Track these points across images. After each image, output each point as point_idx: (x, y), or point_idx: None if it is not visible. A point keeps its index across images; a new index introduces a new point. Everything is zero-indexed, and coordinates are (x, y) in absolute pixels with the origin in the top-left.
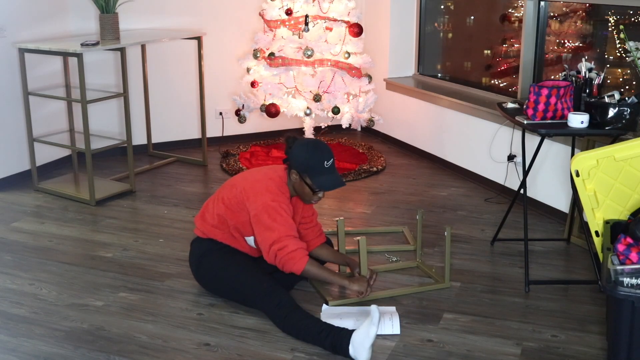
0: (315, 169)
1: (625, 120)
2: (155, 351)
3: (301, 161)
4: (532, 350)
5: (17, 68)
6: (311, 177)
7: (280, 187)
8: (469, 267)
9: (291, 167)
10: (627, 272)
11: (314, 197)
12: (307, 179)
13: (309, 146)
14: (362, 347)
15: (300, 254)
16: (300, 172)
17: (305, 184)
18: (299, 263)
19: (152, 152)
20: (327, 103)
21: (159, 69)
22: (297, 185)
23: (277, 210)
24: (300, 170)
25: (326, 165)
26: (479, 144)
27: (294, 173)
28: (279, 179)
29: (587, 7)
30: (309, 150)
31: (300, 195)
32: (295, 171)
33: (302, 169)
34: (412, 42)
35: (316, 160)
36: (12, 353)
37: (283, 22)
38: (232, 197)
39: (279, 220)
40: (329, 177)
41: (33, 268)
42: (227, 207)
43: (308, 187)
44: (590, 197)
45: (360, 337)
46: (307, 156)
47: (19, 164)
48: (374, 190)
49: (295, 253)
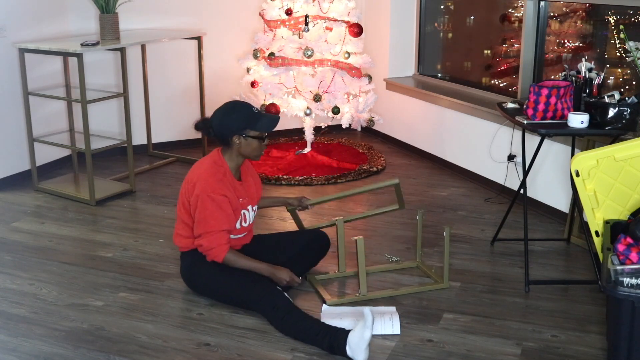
0: (251, 119)
1: (625, 120)
2: (155, 351)
3: (235, 123)
4: (532, 350)
5: (17, 68)
6: (253, 127)
7: (212, 168)
8: (469, 267)
9: (227, 136)
10: (627, 272)
11: (263, 146)
12: (250, 132)
13: (228, 108)
14: (358, 348)
15: (217, 250)
16: (240, 132)
17: (250, 138)
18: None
19: (152, 152)
20: (327, 103)
21: (159, 69)
22: (244, 148)
23: (204, 201)
24: (238, 131)
25: (255, 111)
26: (479, 144)
27: (235, 139)
28: (212, 163)
29: (587, 7)
30: (233, 111)
31: (249, 155)
32: (236, 135)
33: (240, 129)
34: (412, 42)
35: (245, 113)
36: (12, 353)
37: (283, 22)
38: (184, 200)
39: (209, 211)
40: (265, 118)
41: (33, 268)
42: (187, 211)
43: (254, 139)
44: (590, 197)
45: (355, 339)
46: (235, 116)
47: (19, 164)
48: (374, 190)
49: (213, 251)
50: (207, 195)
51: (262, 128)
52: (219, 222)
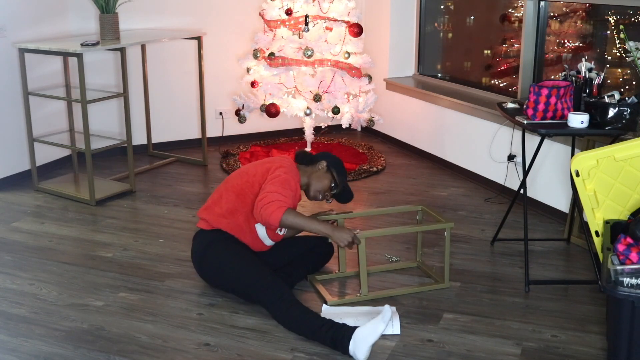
0: (344, 172)
1: (625, 120)
2: (155, 351)
3: (335, 161)
4: (532, 350)
5: (17, 68)
6: (337, 175)
7: (292, 166)
8: (469, 267)
9: (317, 161)
10: (627, 272)
11: (326, 194)
12: (335, 174)
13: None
14: (364, 342)
15: (277, 204)
16: (329, 166)
17: (331, 176)
18: (276, 212)
19: (152, 152)
20: (327, 103)
21: (159, 69)
22: (318, 176)
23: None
24: (331, 165)
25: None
26: (479, 144)
27: (321, 164)
28: (291, 164)
29: (587, 7)
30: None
31: (314, 186)
32: (325, 162)
33: (331, 165)
34: (412, 42)
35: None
36: (12, 353)
37: (283, 22)
38: (244, 183)
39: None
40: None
41: (33, 268)
42: (237, 195)
43: (333, 180)
44: (590, 197)
45: (365, 332)
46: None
47: (19, 164)
48: (374, 190)
49: (273, 204)
50: (290, 177)
51: (342, 181)
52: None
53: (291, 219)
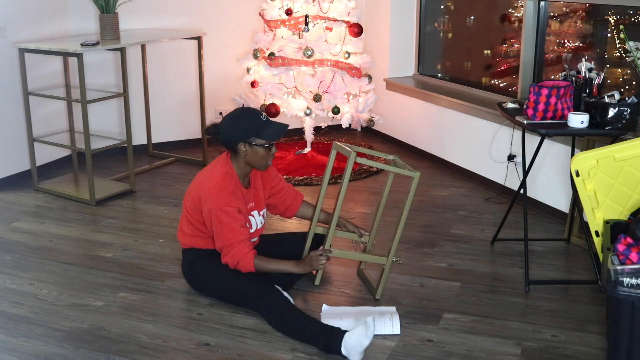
0: (258, 126)
1: (625, 120)
2: (155, 351)
3: (241, 130)
4: (532, 350)
5: (17, 68)
6: (259, 136)
7: (219, 183)
8: (469, 267)
9: (234, 144)
10: (627, 272)
11: (270, 156)
12: (257, 141)
13: (236, 115)
14: (353, 350)
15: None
16: (247, 141)
17: (257, 147)
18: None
19: (152, 152)
20: (327, 103)
21: (159, 69)
22: (250, 156)
23: (219, 215)
24: (244, 138)
25: (263, 119)
26: (479, 144)
27: (241, 146)
28: (221, 174)
29: (587, 7)
30: (240, 117)
31: (255, 164)
32: (242, 143)
33: (246, 136)
34: (412, 42)
35: (253, 120)
36: (12, 353)
37: (283, 22)
38: (191, 205)
39: (223, 225)
40: (272, 126)
41: (33, 268)
42: (192, 216)
43: (261, 148)
44: (590, 197)
45: (352, 342)
46: (243, 122)
47: (19, 164)
48: (374, 190)
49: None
50: (220, 210)
51: (267, 136)
52: (237, 234)
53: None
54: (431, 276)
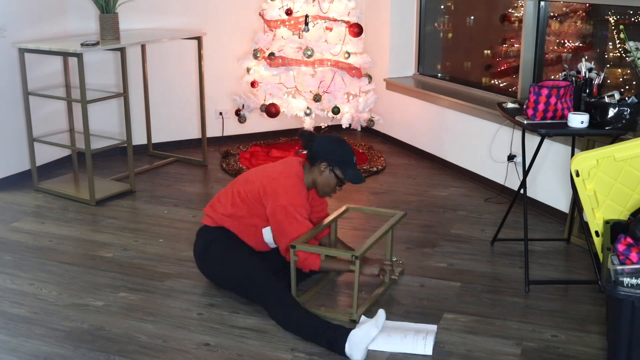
0: (347, 162)
1: (625, 120)
2: (155, 351)
3: (334, 154)
4: (532, 350)
5: (17, 68)
6: (343, 170)
7: (297, 185)
8: (469, 267)
9: (318, 160)
10: (627, 272)
11: (334, 190)
12: (338, 172)
13: (340, 141)
14: (358, 346)
15: (311, 258)
16: (332, 165)
17: (334, 176)
18: (314, 265)
19: (152, 152)
20: (327, 103)
21: (159, 69)
22: (322, 178)
23: (293, 214)
24: (332, 163)
25: (354, 161)
26: (479, 144)
27: (322, 165)
28: (296, 177)
29: (587, 7)
30: (343, 145)
31: (321, 187)
32: (326, 163)
33: (334, 161)
34: (412, 42)
35: (349, 154)
36: (12, 353)
37: (283, 22)
38: (248, 192)
39: (294, 224)
40: (357, 171)
41: (33, 268)
42: (243, 201)
43: (337, 179)
44: (590, 197)
45: (359, 335)
46: (341, 150)
47: (19, 164)
48: (374, 190)
49: (307, 261)
50: (295, 209)
51: (350, 175)
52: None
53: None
54: (431, 276)
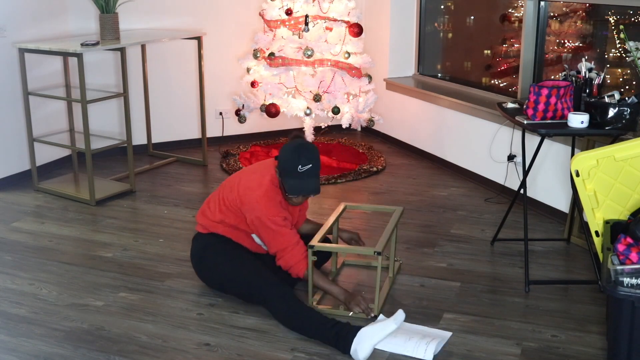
0: (289, 172)
1: (625, 120)
2: (155, 351)
3: (280, 162)
4: (532, 350)
5: (17, 68)
6: (284, 179)
7: (268, 193)
8: (469, 267)
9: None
10: (627, 272)
11: (291, 200)
12: (283, 181)
13: (290, 148)
14: (369, 341)
15: (296, 268)
16: (279, 172)
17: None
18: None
19: (152, 152)
20: (327, 103)
21: (159, 69)
22: (281, 184)
23: (267, 224)
24: (279, 171)
25: (300, 170)
26: (479, 144)
27: (276, 173)
28: (269, 183)
29: (587, 7)
30: (288, 152)
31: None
32: (277, 171)
33: (280, 170)
34: (412, 42)
35: (291, 163)
36: (12, 353)
37: (283, 22)
38: (231, 200)
39: (270, 234)
40: (299, 182)
41: (33, 268)
42: (228, 209)
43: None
44: (590, 197)
45: (373, 330)
46: (284, 158)
47: (19, 164)
48: (374, 190)
49: (293, 269)
50: (269, 219)
51: (287, 186)
52: (288, 237)
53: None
54: (431, 276)
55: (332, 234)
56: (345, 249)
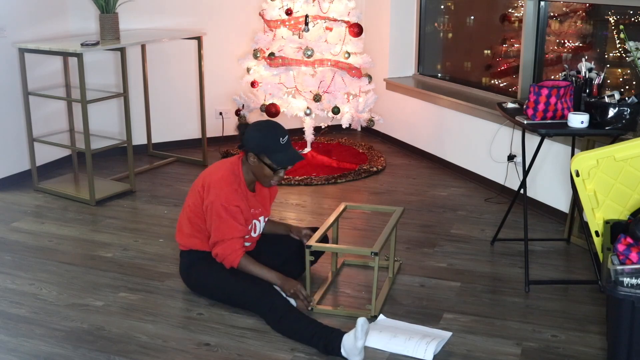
0: (272, 147)
1: (625, 120)
2: (155, 351)
3: (257, 142)
4: (532, 350)
5: (17, 68)
6: (269, 156)
7: (230, 182)
8: (469, 267)
9: (247, 151)
10: (627, 272)
11: (275, 178)
12: (266, 159)
13: (261, 126)
14: (351, 352)
15: (231, 257)
16: (258, 154)
17: (264, 164)
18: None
19: (152, 152)
20: (327, 103)
21: (159, 69)
22: (256, 169)
23: (218, 211)
24: (257, 151)
25: (282, 142)
26: (479, 144)
27: (251, 156)
28: (231, 174)
29: (587, 7)
30: (263, 130)
31: (260, 178)
32: (253, 154)
33: (258, 150)
34: (412, 42)
35: (271, 138)
36: (12, 353)
37: (283, 22)
38: (195, 202)
39: (223, 222)
40: (286, 153)
41: (33, 268)
42: (194, 213)
43: (267, 167)
44: (590, 197)
45: (349, 344)
46: (261, 135)
47: (19, 164)
48: (374, 190)
49: (228, 258)
50: (221, 205)
51: (276, 160)
52: (233, 230)
53: (244, 267)
54: (431, 276)
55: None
56: (343, 249)
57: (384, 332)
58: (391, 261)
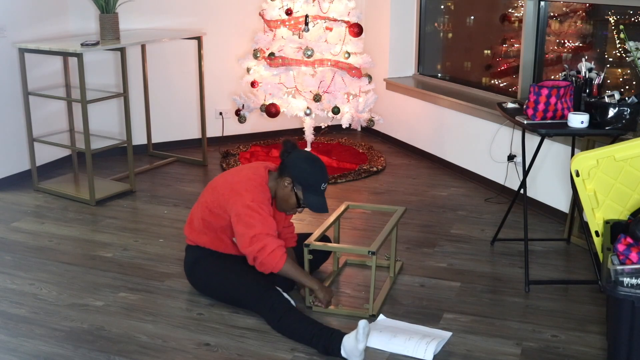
0: (312, 187)
1: (625, 120)
2: (155, 351)
3: (301, 174)
4: (532, 350)
5: (17, 68)
6: (304, 193)
7: (259, 187)
8: (469, 267)
9: (285, 173)
10: (627, 272)
11: (293, 210)
12: (300, 193)
13: (314, 162)
14: (352, 353)
15: (278, 253)
16: (295, 183)
17: (295, 195)
18: (278, 263)
19: (152, 152)
20: (327, 103)
21: (159, 69)
22: (284, 193)
23: (256, 209)
24: (296, 181)
25: (322, 188)
26: (479, 144)
27: (287, 181)
28: (260, 179)
29: (587, 7)
30: (313, 167)
31: (279, 201)
32: (290, 180)
33: (298, 181)
34: (412, 42)
35: (317, 179)
36: (12, 353)
37: (283, 22)
38: (214, 201)
39: (257, 218)
40: (319, 199)
41: (33, 268)
42: (210, 211)
43: (296, 199)
44: (590, 197)
45: (349, 346)
46: (310, 172)
47: (19, 164)
48: (374, 190)
49: (274, 254)
50: (259, 206)
51: (309, 201)
52: (268, 227)
53: (289, 272)
54: (431, 276)
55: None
56: (340, 248)
57: (384, 332)
58: (392, 261)
